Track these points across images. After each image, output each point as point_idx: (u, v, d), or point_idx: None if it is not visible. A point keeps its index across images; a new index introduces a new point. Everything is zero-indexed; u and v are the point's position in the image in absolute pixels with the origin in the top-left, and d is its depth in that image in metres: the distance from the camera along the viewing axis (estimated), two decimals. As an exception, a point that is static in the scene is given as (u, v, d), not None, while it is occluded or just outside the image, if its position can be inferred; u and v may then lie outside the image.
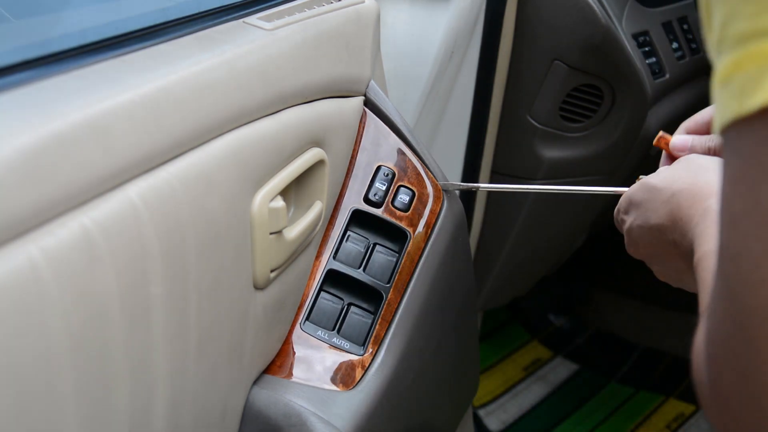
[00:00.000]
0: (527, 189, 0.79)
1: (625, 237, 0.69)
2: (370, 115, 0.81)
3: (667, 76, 1.38)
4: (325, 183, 0.71)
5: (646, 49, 1.35)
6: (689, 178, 0.62)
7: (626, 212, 0.68)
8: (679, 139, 0.75)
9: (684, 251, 0.61)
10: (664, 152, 0.78)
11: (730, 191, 0.33)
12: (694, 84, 1.51)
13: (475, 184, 0.84)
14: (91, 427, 0.47)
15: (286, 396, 0.68)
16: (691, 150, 0.74)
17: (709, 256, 0.53)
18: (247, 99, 0.60)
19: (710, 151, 0.73)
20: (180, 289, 0.53)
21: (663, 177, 0.64)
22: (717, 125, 0.32)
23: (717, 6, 0.32)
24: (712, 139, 0.73)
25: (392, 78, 0.99)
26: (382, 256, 0.77)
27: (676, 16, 1.48)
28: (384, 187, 0.79)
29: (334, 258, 0.76)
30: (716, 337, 0.34)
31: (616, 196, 0.75)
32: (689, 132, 0.76)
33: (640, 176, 0.73)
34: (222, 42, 0.61)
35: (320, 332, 0.73)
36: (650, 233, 0.65)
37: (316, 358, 0.72)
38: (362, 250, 0.77)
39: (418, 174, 0.81)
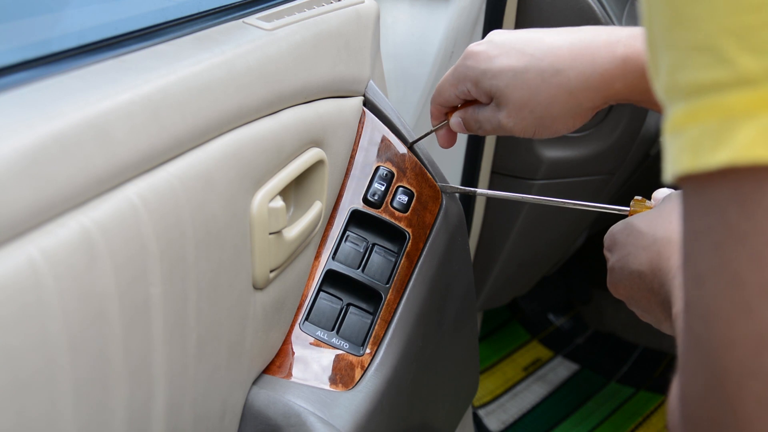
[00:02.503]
0: (526, 199, 0.79)
1: (608, 275, 0.67)
2: (370, 116, 0.81)
3: (667, 76, 1.38)
4: (325, 183, 0.71)
5: (646, 49, 1.35)
6: (673, 225, 0.61)
7: (609, 250, 0.66)
8: (457, 123, 0.76)
9: (661, 300, 0.61)
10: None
11: (693, 248, 0.32)
12: (694, 84, 1.50)
13: (473, 189, 0.84)
14: (90, 426, 0.47)
15: (286, 396, 0.68)
16: (470, 132, 0.75)
17: None
18: (246, 99, 0.60)
19: (483, 134, 0.74)
20: (179, 289, 0.53)
21: (648, 220, 0.63)
22: (668, 174, 0.31)
23: (663, 50, 0.30)
24: (478, 127, 0.73)
25: (392, 78, 0.99)
26: (381, 256, 0.77)
27: (676, 16, 1.47)
28: (383, 188, 0.79)
29: (333, 258, 0.76)
30: (690, 396, 0.33)
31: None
32: (444, 106, 0.77)
33: (636, 197, 0.72)
34: (222, 42, 0.61)
35: (319, 332, 0.73)
36: (630, 278, 0.63)
37: (316, 358, 0.72)
38: (361, 251, 0.77)
39: (417, 174, 0.81)
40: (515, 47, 0.69)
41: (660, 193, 0.70)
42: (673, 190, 0.68)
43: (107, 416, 0.49)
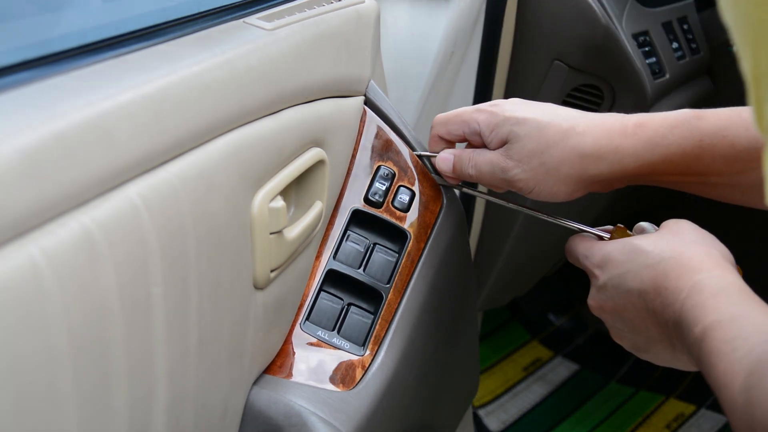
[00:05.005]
0: (512, 207, 0.79)
1: (594, 290, 0.68)
2: (371, 115, 0.81)
3: (667, 76, 1.38)
4: (326, 183, 0.71)
5: (646, 49, 1.35)
6: (679, 247, 0.62)
7: (601, 267, 0.67)
8: (443, 159, 0.78)
9: (662, 321, 0.61)
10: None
11: None
12: (694, 84, 1.51)
13: (465, 188, 0.83)
14: (91, 426, 0.47)
15: (287, 396, 0.68)
16: (456, 173, 0.77)
17: (717, 325, 0.53)
18: (247, 99, 0.60)
19: (470, 178, 0.76)
20: (180, 289, 0.53)
21: (650, 241, 0.64)
22: None
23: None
24: (473, 166, 0.75)
25: (392, 78, 0.99)
26: (381, 256, 0.77)
27: (676, 16, 1.48)
28: (384, 187, 0.79)
29: (334, 258, 0.76)
30: None
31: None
32: (443, 138, 0.79)
33: (619, 225, 0.72)
34: (222, 42, 0.61)
35: (320, 332, 0.73)
36: (626, 296, 0.64)
37: (316, 359, 0.72)
38: (362, 250, 0.77)
39: (419, 174, 0.81)
40: (540, 106, 0.73)
41: (640, 226, 0.71)
42: (653, 225, 0.70)
43: (108, 415, 0.49)
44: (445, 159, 0.77)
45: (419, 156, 0.82)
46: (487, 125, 0.73)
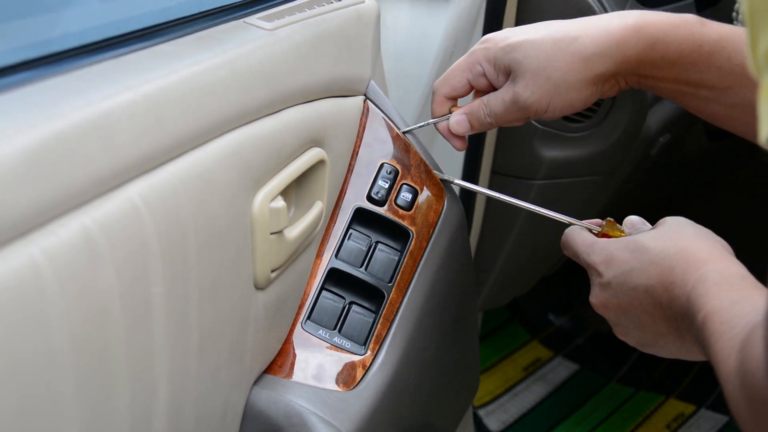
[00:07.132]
0: (507, 200, 0.80)
1: (597, 288, 0.68)
2: (373, 113, 0.81)
3: (667, 75, 1.38)
4: (326, 183, 0.71)
5: (646, 48, 1.35)
6: (682, 242, 0.63)
7: (606, 264, 0.67)
8: (458, 121, 0.78)
9: (670, 314, 0.62)
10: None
11: None
12: (693, 84, 1.50)
13: (464, 184, 0.83)
14: (91, 426, 0.47)
15: (287, 396, 0.68)
16: (474, 128, 0.77)
17: (718, 309, 0.55)
18: (247, 99, 0.60)
19: (491, 126, 0.76)
20: (181, 289, 0.53)
21: (653, 237, 0.65)
22: (763, 135, 0.33)
23: (764, 26, 0.33)
24: (488, 113, 0.75)
25: (392, 78, 0.99)
26: (384, 254, 0.77)
27: (675, 16, 1.47)
28: (387, 185, 0.79)
29: (335, 257, 0.76)
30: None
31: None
32: (448, 97, 0.79)
33: (609, 218, 0.73)
34: (222, 42, 0.61)
35: (321, 332, 0.73)
36: (632, 293, 0.64)
37: (317, 358, 0.72)
38: (364, 249, 0.77)
39: (421, 172, 0.81)
40: (530, 26, 0.74)
41: (630, 220, 0.72)
42: (643, 219, 0.71)
43: (109, 416, 0.49)
44: (460, 120, 0.77)
45: (419, 127, 0.81)
46: (487, 60, 0.74)
